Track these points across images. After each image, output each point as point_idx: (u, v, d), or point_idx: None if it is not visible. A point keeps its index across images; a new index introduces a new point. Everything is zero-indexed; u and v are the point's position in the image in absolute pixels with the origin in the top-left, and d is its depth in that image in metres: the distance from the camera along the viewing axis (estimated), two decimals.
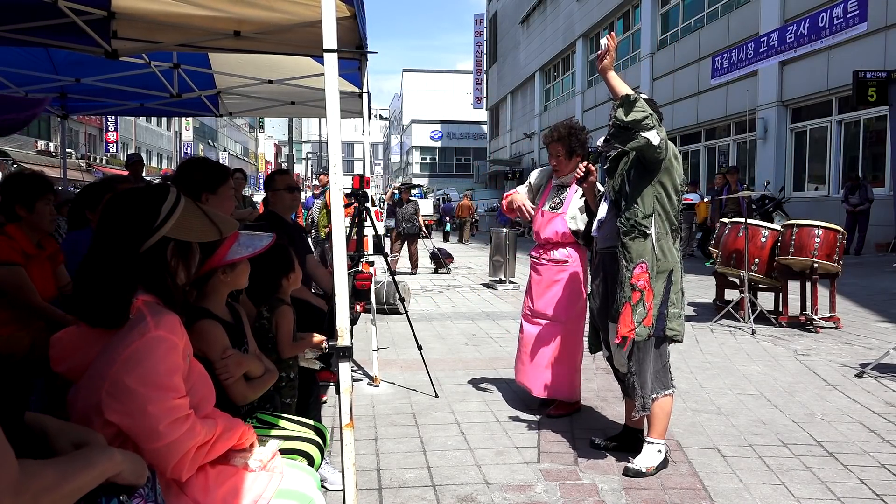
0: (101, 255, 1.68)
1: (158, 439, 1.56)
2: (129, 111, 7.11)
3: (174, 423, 1.58)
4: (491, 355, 5.87)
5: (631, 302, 3.16)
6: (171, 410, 1.58)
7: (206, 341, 2.07)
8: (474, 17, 51.26)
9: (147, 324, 1.59)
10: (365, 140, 5.03)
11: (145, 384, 1.54)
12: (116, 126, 34.91)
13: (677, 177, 3.24)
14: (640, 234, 3.18)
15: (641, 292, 3.15)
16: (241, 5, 3.43)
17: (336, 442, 3.16)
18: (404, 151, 70.16)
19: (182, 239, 1.75)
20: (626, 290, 3.17)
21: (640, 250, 3.17)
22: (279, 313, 2.72)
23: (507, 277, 10.66)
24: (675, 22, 22.52)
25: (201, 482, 1.73)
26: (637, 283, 3.15)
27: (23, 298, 3.00)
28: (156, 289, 1.71)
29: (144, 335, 1.57)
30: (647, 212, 3.18)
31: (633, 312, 3.15)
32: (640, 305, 3.15)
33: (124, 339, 1.59)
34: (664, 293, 3.20)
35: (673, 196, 3.24)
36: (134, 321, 1.63)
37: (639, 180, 3.21)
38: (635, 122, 2.98)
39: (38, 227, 3.20)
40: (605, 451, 3.54)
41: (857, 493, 3.05)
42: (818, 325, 6.65)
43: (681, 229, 3.45)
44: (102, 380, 1.55)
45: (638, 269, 3.16)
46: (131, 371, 1.54)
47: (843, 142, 15.41)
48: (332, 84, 2.23)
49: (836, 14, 12.62)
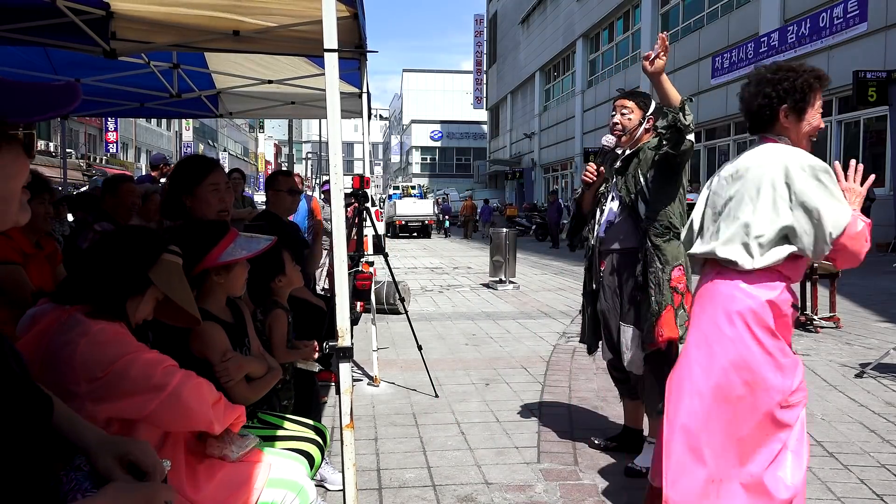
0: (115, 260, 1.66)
1: (160, 389, 1.54)
2: (128, 111, 7.10)
3: (166, 370, 1.57)
4: (491, 355, 5.87)
5: (673, 305, 3.08)
6: (153, 362, 1.57)
7: (206, 343, 2.06)
8: (474, 17, 51.31)
9: (87, 323, 1.56)
10: (365, 140, 5.03)
11: (113, 359, 1.52)
12: (116, 126, 34.88)
13: (684, 177, 3.21)
14: (674, 236, 3.10)
15: (682, 295, 3.08)
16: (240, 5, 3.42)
17: (336, 442, 3.15)
18: (404, 151, 70.16)
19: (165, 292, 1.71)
20: (667, 293, 3.08)
21: (675, 252, 3.10)
22: (273, 317, 2.67)
23: (507, 277, 10.66)
24: (675, 22, 22.53)
25: (190, 478, 1.73)
26: (678, 285, 3.08)
27: (22, 298, 3.00)
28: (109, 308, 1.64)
29: (87, 333, 1.54)
30: (677, 212, 3.13)
31: (676, 315, 3.07)
32: (682, 308, 3.08)
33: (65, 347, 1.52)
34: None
35: (683, 197, 3.21)
36: (66, 326, 1.57)
37: (665, 182, 3.14)
38: (686, 127, 2.94)
39: (34, 226, 3.20)
40: (604, 451, 3.54)
41: (857, 493, 3.05)
42: (818, 325, 6.65)
43: None
44: (71, 397, 1.48)
45: (677, 272, 3.09)
46: (95, 364, 1.51)
47: (843, 142, 15.42)
48: (333, 84, 2.23)
49: (836, 14, 12.64)
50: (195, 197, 2.58)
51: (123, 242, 1.72)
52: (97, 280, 1.63)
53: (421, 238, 28.78)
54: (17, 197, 1.12)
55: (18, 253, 3.06)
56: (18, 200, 1.12)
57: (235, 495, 1.78)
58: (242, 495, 1.79)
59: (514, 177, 40.92)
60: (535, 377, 5.09)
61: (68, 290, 1.66)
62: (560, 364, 5.46)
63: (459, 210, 32.46)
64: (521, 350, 6.05)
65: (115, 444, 1.32)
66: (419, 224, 29.54)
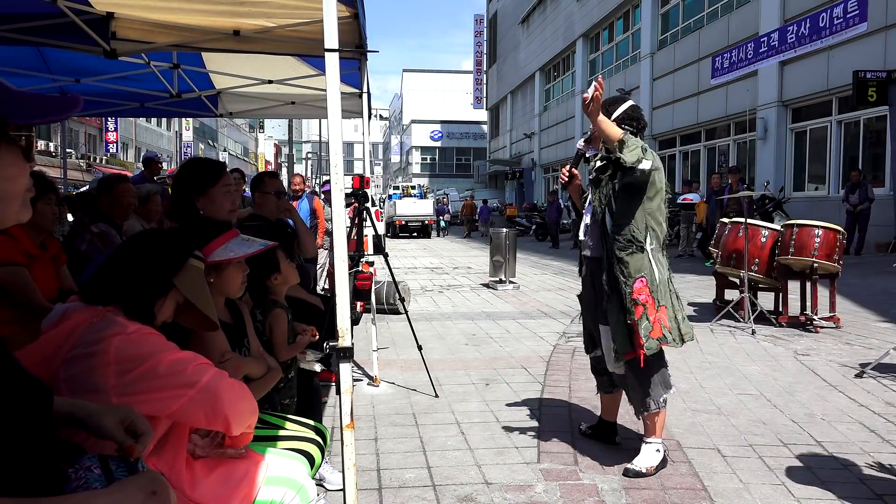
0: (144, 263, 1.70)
1: (190, 386, 1.55)
2: (128, 111, 7.11)
3: (197, 367, 1.59)
4: (491, 355, 5.87)
5: (635, 317, 3.14)
6: (184, 359, 1.59)
7: (204, 344, 2.06)
8: (474, 17, 51.28)
9: (122, 323, 1.58)
10: (365, 140, 5.03)
11: (148, 356, 1.54)
12: (116, 126, 34.87)
13: (664, 186, 3.27)
14: (637, 249, 3.19)
15: (644, 306, 3.15)
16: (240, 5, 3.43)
17: (336, 442, 3.16)
18: (404, 151, 70.15)
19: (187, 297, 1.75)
20: (629, 305, 3.16)
21: (638, 265, 3.17)
22: (273, 316, 2.67)
23: (507, 277, 10.66)
24: (675, 22, 22.52)
25: (188, 475, 1.73)
26: (639, 297, 3.15)
27: (26, 298, 3.00)
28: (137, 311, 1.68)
29: (123, 332, 1.55)
30: (641, 227, 3.20)
31: (639, 327, 3.13)
32: (644, 319, 3.14)
33: (99, 343, 1.54)
34: (674, 301, 3.25)
35: (663, 207, 3.28)
36: (101, 325, 1.59)
37: (630, 198, 3.22)
38: (637, 161, 3.01)
39: (40, 226, 3.20)
40: (583, 437, 3.68)
41: (857, 493, 3.05)
42: (818, 325, 6.65)
43: (667, 231, 3.49)
44: (96, 390, 1.50)
45: (638, 284, 3.16)
46: (130, 359, 1.52)
47: (843, 142, 15.42)
48: (334, 84, 2.22)
49: (836, 14, 12.62)
50: (208, 197, 2.66)
51: (154, 246, 1.76)
52: (128, 282, 1.67)
53: (421, 238, 28.79)
54: (19, 197, 1.14)
55: (23, 254, 3.05)
56: (20, 200, 1.14)
57: (234, 492, 1.78)
58: (240, 492, 1.79)
59: (514, 177, 40.89)
60: (535, 377, 5.09)
61: (99, 290, 1.69)
62: (560, 364, 5.47)
63: (460, 210, 33.34)
64: (521, 350, 6.05)
65: (117, 408, 1.40)
66: (419, 224, 29.56)
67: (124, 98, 6.20)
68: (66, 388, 1.52)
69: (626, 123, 3.23)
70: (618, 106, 3.32)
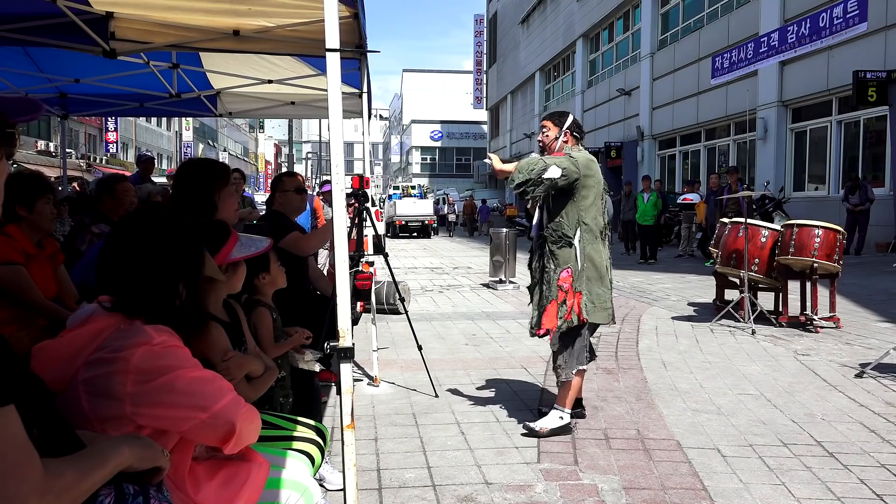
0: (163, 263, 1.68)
1: (203, 410, 1.53)
2: (128, 111, 7.12)
3: (215, 391, 1.57)
4: (491, 355, 5.87)
5: (557, 300, 3.69)
6: (204, 380, 1.57)
7: (207, 344, 2.06)
8: (474, 17, 51.33)
9: (150, 334, 1.55)
10: (365, 140, 5.03)
11: (170, 368, 1.52)
12: (116, 126, 34.89)
13: (597, 184, 3.72)
14: (566, 244, 3.70)
15: (566, 292, 3.68)
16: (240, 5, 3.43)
17: (336, 442, 3.16)
18: (404, 151, 70.17)
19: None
20: (554, 289, 3.71)
21: (565, 257, 3.70)
22: (256, 315, 2.64)
23: (507, 277, 10.66)
24: (675, 22, 22.53)
25: (191, 478, 1.73)
26: (563, 285, 3.69)
27: (25, 298, 3.00)
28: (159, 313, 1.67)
29: (150, 342, 1.53)
30: (571, 224, 3.70)
31: (559, 310, 3.69)
32: (563, 305, 3.68)
33: (124, 349, 1.53)
34: (594, 288, 3.71)
35: (597, 203, 3.73)
36: (128, 332, 1.58)
37: (559, 199, 3.73)
38: (525, 182, 3.60)
39: (38, 226, 3.20)
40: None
41: (857, 493, 3.05)
42: (818, 325, 6.64)
43: (608, 220, 3.94)
44: (112, 396, 1.49)
45: (564, 273, 3.70)
46: (151, 369, 1.50)
47: (843, 142, 15.42)
48: (335, 84, 2.22)
49: (836, 14, 12.62)
50: (220, 197, 2.70)
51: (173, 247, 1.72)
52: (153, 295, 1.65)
53: (421, 238, 28.79)
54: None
55: (20, 253, 3.05)
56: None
57: (237, 495, 1.78)
58: (244, 495, 1.79)
59: None
60: (535, 377, 5.09)
61: (128, 300, 1.65)
62: None
63: (461, 210, 34.25)
64: (521, 350, 6.04)
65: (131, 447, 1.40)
66: (419, 224, 29.58)
67: (124, 98, 6.21)
68: (83, 389, 1.51)
69: (576, 131, 3.86)
70: (566, 118, 3.91)
